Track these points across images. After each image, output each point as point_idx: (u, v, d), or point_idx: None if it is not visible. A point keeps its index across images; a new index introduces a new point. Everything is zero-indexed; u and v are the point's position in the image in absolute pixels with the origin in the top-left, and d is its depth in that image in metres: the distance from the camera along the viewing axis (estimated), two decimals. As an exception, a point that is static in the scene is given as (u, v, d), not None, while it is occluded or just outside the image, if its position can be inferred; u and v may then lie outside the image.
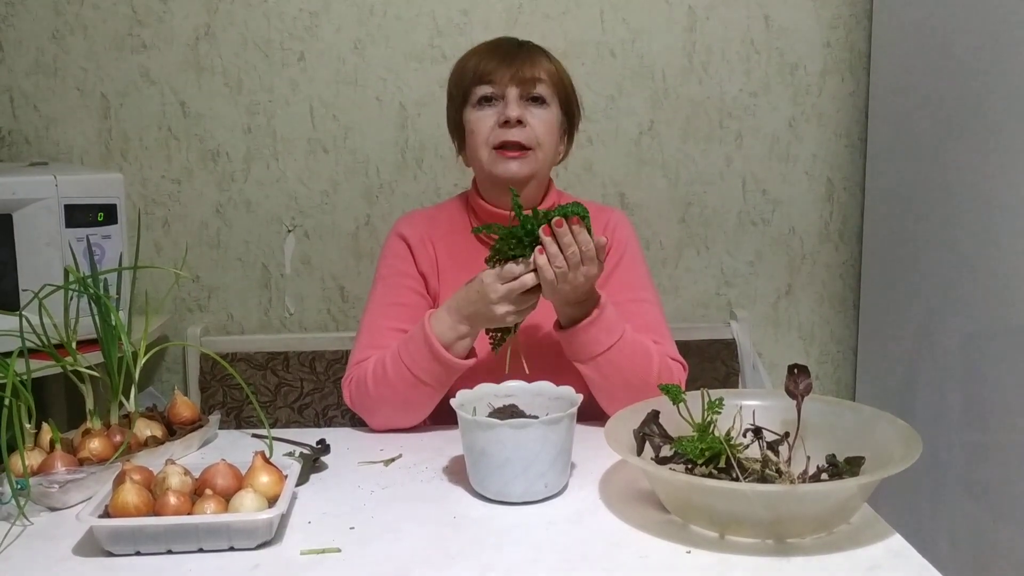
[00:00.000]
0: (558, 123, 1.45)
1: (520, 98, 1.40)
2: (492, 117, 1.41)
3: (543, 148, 1.42)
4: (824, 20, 2.04)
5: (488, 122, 1.41)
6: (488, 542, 1.00)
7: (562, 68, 1.47)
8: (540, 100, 1.42)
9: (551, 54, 1.48)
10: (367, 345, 1.40)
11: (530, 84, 1.40)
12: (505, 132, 1.39)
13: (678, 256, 2.10)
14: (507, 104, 1.40)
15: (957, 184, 1.68)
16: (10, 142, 1.99)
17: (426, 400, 1.33)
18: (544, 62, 1.44)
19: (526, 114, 1.40)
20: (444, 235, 1.50)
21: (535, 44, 1.47)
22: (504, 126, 1.39)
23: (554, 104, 1.44)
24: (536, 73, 1.41)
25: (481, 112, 1.42)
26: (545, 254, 1.21)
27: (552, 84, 1.43)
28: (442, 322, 1.30)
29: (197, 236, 2.03)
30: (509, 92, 1.40)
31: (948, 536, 1.72)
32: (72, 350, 1.23)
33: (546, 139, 1.42)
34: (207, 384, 1.94)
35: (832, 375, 2.17)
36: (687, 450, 1.03)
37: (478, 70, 1.42)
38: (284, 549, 0.99)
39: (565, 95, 1.46)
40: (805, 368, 1.10)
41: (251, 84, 1.99)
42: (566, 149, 1.52)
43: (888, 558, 0.94)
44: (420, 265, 1.47)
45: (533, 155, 1.41)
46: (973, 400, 1.65)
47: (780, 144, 2.08)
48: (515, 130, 1.39)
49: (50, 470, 1.11)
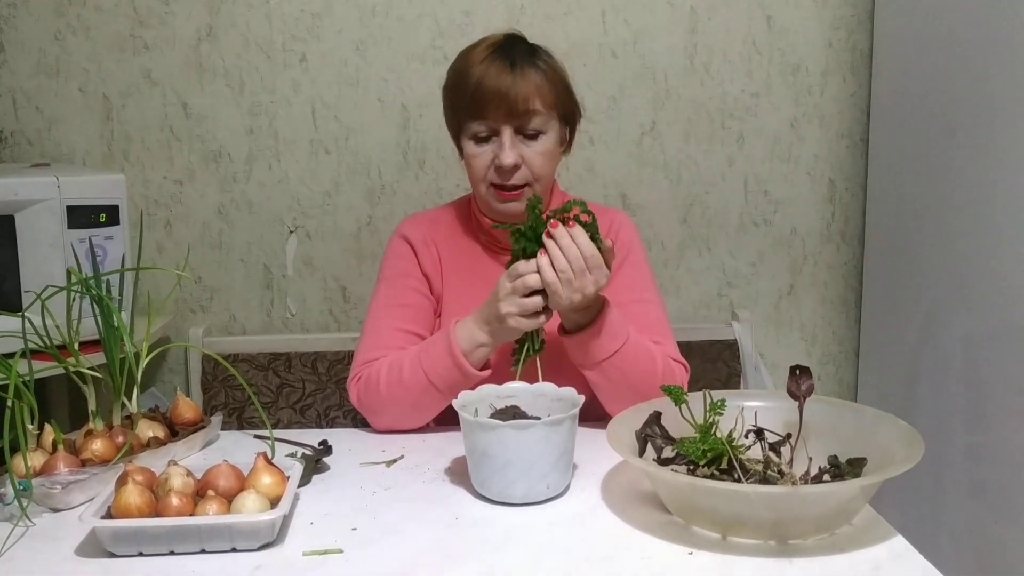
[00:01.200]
0: (556, 141, 1.40)
1: (516, 134, 1.35)
2: (489, 155, 1.36)
3: (541, 180, 1.38)
4: (826, 21, 2.04)
5: (485, 160, 1.37)
6: (490, 543, 1.00)
7: (558, 69, 1.40)
8: (536, 133, 1.36)
9: (545, 56, 1.40)
10: (373, 346, 1.40)
11: (525, 119, 1.34)
12: (502, 174, 1.36)
13: (680, 257, 2.10)
14: (502, 148, 1.34)
15: (959, 184, 1.68)
16: (12, 143, 1.99)
17: (436, 406, 1.33)
18: (538, 81, 1.35)
19: (523, 153, 1.35)
20: (447, 237, 1.49)
21: (527, 54, 1.38)
22: (500, 170, 1.36)
23: (552, 124, 1.38)
24: (530, 105, 1.33)
25: (478, 148, 1.37)
26: (547, 255, 1.21)
27: (548, 105, 1.36)
28: (465, 327, 1.30)
29: (199, 237, 2.03)
30: (504, 132, 1.34)
31: (950, 537, 1.72)
32: (74, 351, 1.23)
33: (544, 171, 1.38)
34: (209, 385, 1.94)
35: (834, 376, 2.17)
36: (689, 451, 1.03)
37: (471, 104, 1.35)
38: (286, 550, 0.99)
39: (563, 105, 1.40)
40: (807, 369, 1.10)
41: (253, 85, 1.99)
42: (567, 148, 1.48)
43: (890, 559, 0.94)
44: (424, 266, 1.47)
45: (531, 189, 1.38)
46: (975, 401, 1.65)
47: (782, 145, 2.08)
48: (513, 173, 1.36)
49: (52, 471, 1.12)
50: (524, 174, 1.36)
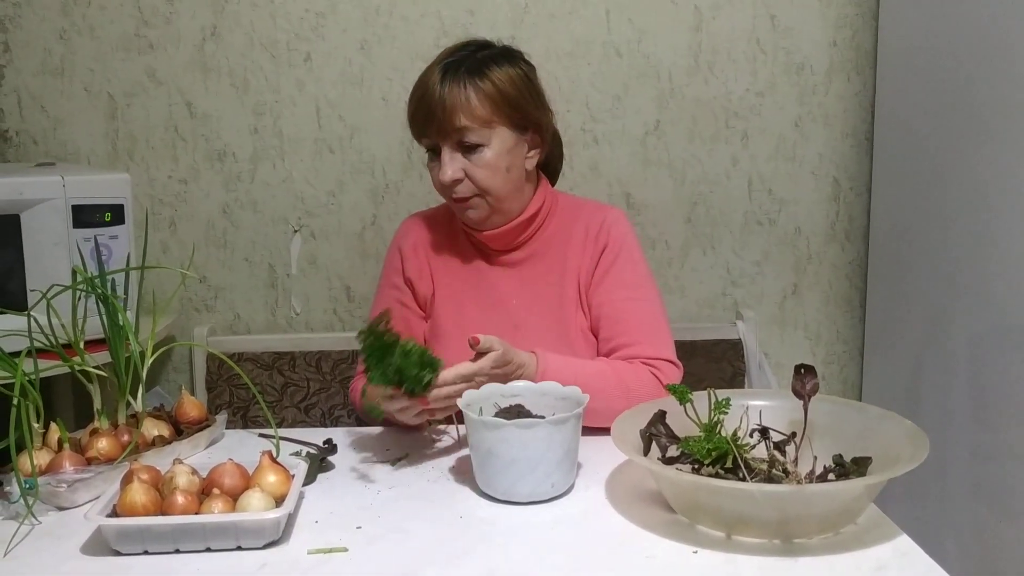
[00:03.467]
0: (506, 148, 1.38)
1: (455, 150, 1.37)
2: (437, 168, 1.40)
3: (491, 191, 1.39)
4: (830, 20, 2.03)
5: (438, 173, 1.40)
6: (495, 542, 1.00)
7: (504, 81, 1.37)
8: (475, 146, 1.37)
9: (496, 66, 1.38)
10: None
11: (459, 135, 1.36)
12: (446, 189, 1.40)
13: (684, 256, 2.10)
14: (441, 164, 1.38)
15: (964, 184, 1.68)
16: (17, 143, 1.99)
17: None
18: (467, 98, 1.35)
19: (464, 167, 1.37)
20: (440, 236, 1.53)
21: (467, 70, 1.37)
22: (443, 185, 1.39)
23: (495, 134, 1.37)
24: (459, 121, 1.34)
25: (432, 164, 1.42)
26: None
27: (483, 120, 1.36)
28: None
29: (204, 236, 2.04)
30: (443, 148, 1.38)
31: (955, 536, 1.72)
32: (80, 350, 1.24)
33: (491, 181, 1.38)
34: (214, 384, 1.94)
35: (839, 375, 2.17)
36: (694, 450, 1.03)
37: (412, 121, 1.41)
38: (291, 548, 1.00)
39: (510, 112, 1.38)
40: (812, 368, 1.10)
41: (257, 84, 1.99)
42: (542, 150, 1.46)
43: (895, 558, 0.94)
44: (408, 272, 1.51)
45: (482, 200, 1.40)
46: (980, 400, 1.65)
47: (786, 144, 2.07)
48: (457, 187, 1.39)
49: (58, 469, 1.12)
50: (468, 187, 1.39)
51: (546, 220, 1.49)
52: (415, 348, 1.18)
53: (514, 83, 1.39)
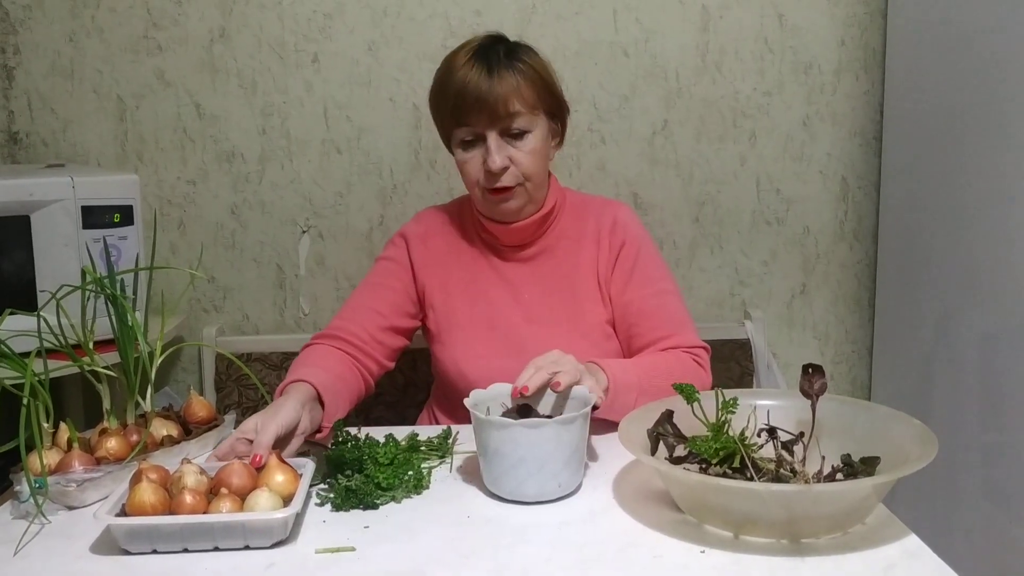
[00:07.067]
0: (544, 138, 1.42)
1: (501, 137, 1.38)
2: (478, 159, 1.39)
3: (533, 177, 1.41)
4: (838, 18, 2.03)
5: (475, 164, 1.40)
6: (502, 542, 1.00)
7: (539, 67, 1.41)
8: (521, 133, 1.38)
9: (525, 56, 1.41)
10: (340, 315, 1.48)
11: (508, 121, 1.37)
12: (491, 178, 1.39)
13: (692, 256, 2.10)
14: (489, 152, 1.37)
15: (973, 183, 1.67)
16: (27, 144, 2.00)
17: None
18: (517, 82, 1.37)
19: (510, 154, 1.38)
20: (450, 233, 1.54)
21: (507, 56, 1.39)
22: (489, 174, 1.38)
23: (538, 122, 1.40)
24: (512, 107, 1.36)
25: (467, 154, 1.41)
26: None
27: (529, 105, 1.38)
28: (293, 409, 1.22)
29: (212, 237, 2.04)
30: (489, 136, 1.37)
31: (964, 537, 1.71)
32: (89, 350, 1.24)
33: (534, 168, 1.40)
34: (222, 384, 1.94)
35: (847, 375, 2.16)
36: (701, 450, 1.03)
37: (454, 111, 1.38)
38: (299, 548, 1.00)
39: (546, 102, 1.42)
40: (820, 368, 1.10)
41: (265, 85, 2.00)
42: (559, 141, 1.50)
43: (904, 559, 0.93)
44: (413, 257, 1.52)
45: (523, 188, 1.41)
46: (989, 400, 1.64)
47: (794, 143, 2.07)
48: (503, 175, 1.38)
49: (68, 469, 1.12)
50: (514, 174, 1.39)
51: (559, 215, 1.51)
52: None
53: (547, 70, 1.43)
